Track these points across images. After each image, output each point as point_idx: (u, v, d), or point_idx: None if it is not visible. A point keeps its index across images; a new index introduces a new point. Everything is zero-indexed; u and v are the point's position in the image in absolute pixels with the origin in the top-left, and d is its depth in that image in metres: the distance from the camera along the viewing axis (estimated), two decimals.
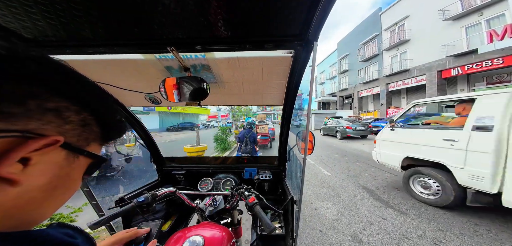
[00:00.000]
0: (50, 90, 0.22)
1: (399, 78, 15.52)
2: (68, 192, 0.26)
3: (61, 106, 0.22)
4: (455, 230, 2.12)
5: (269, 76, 0.96)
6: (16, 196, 0.20)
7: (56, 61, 0.22)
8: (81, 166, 0.27)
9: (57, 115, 0.22)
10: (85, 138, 0.26)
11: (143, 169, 1.67)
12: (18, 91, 0.19)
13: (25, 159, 0.20)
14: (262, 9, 0.49)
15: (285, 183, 1.36)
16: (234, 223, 0.96)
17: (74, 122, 0.24)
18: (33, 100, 0.20)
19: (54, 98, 0.22)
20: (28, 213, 0.22)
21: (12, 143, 0.19)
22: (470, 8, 10.78)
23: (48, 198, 0.23)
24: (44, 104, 0.21)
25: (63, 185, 0.25)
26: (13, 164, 0.19)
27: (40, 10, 0.48)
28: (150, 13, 0.50)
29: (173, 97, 0.81)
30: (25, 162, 0.20)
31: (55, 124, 0.22)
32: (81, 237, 0.25)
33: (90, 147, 0.27)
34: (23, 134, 0.19)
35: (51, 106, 0.21)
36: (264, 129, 7.96)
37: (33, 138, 0.20)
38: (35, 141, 0.20)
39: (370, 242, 1.97)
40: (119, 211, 0.76)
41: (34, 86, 0.20)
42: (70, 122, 0.23)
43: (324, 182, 3.79)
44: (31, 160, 0.20)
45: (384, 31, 16.76)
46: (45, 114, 0.21)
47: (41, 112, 0.21)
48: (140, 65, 0.86)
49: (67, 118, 0.23)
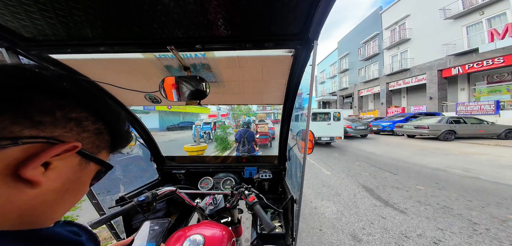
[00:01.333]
0: (74, 102, 0.25)
1: (399, 77, 15.50)
2: (77, 196, 0.28)
3: (81, 116, 0.25)
4: (454, 229, 2.13)
5: (269, 75, 0.95)
6: (33, 197, 0.22)
7: (80, 78, 0.26)
8: (91, 171, 0.29)
9: (77, 124, 0.25)
10: (97, 146, 0.28)
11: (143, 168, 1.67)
12: (48, 102, 0.22)
13: (46, 163, 0.22)
14: (262, 8, 0.49)
15: (285, 182, 1.36)
16: (234, 222, 0.96)
17: (90, 131, 0.26)
18: (60, 111, 0.23)
19: (77, 109, 0.25)
20: (41, 214, 0.23)
21: (38, 148, 0.21)
22: (471, 7, 10.73)
23: (59, 200, 0.25)
24: (68, 114, 0.24)
25: (74, 189, 0.26)
26: (37, 167, 0.21)
27: (39, 9, 0.48)
28: (150, 12, 0.49)
29: (173, 96, 0.81)
30: (46, 166, 0.22)
31: (75, 132, 0.24)
32: (85, 235, 0.27)
33: (100, 155, 0.29)
34: (49, 141, 0.21)
35: (74, 116, 0.24)
36: (264, 128, 7.96)
37: (56, 144, 0.22)
38: (58, 146, 0.22)
39: (369, 241, 1.98)
40: (119, 210, 0.76)
41: (62, 99, 0.23)
42: (87, 130, 0.26)
43: (324, 181, 3.79)
44: (51, 164, 0.22)
45: (385, 30, 16.71)
46: (69, 123, 0.24)
47: (65, 121, 0.23)
48: (140, 64, 0.85)
49: (85, 127, 0.26)
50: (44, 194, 0.22)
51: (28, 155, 0.20)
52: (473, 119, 8.65)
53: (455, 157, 5.35)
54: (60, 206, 0.25)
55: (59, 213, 0.26)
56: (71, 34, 0.58)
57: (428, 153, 5.86)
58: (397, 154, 5.89)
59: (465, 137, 8.43)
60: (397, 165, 4.78)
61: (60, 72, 0.24)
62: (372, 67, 18.71)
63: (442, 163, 4.78)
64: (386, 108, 16.44)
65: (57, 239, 0.22)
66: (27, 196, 0.21)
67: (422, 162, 4.95)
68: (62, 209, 0.26)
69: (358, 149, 7.06)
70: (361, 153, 6.26)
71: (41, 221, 0.24)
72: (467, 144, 7.38)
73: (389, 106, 16.60)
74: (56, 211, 0.25)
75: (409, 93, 15.97)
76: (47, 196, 0.23)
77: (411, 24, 14.37)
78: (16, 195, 0.20)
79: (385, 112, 16.13)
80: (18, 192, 0.20)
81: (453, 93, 12.85)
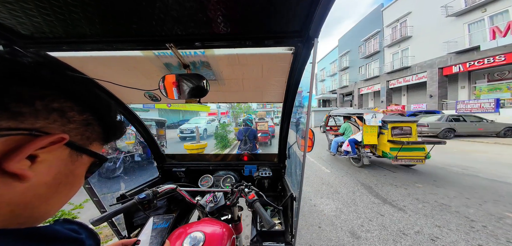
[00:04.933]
0: (55, 92, 0.23)
1: (400, 75, 15.44)
2: (72, 189, 0.27)
3: (65, 106, 0.24)
4: (451, 226, 2.15)
5: (269, 73, 0.95)
6: (23, 192, 0.21)
7: (62, 64, 0.24)
8: (84, 164, 0.28)
9: (61, 115, 0.23)
10: (87, 137, 0.27)
11: (143, 166, 1.68)
12: (26, 92, 0.21)
13: (33, 156, 0.21)
14: (262, 5, 0.48)
15: (285, 180, 1.37)
16: (234, 219, 0.97)
17: (77, 122, 0.25)
18: (40, 101, 0.22)
19: (59, 99, 0.23)
20: (35, 209, 0.23)
21: (21, 141, 0.20)
22: (473, 4, 10.62)
23: (53, 194, 0.24)
24: (50, 104, 0.22)
25: (67, 182, 0.26)
26: (22, 160, 0.20)
27: (36, 6, 0.47)
28: (148, 9, 0.49)
29: (173, 94, 0.80)
30: (32, 159, 0.21)
31: (60, 123, 0.23)
32: (85, 232, 0.26)
33: (92, 146, 0.29)
34: (31, 132, 0.20)
35: (56, 106, 0.23)
36: (264, 127, 7.97)
37: (40, 136, 0.21)
38: (42, 139, 0.21)
39: (368, 238, 2.00)
40: (120, 208, 0.77)
41: (41, 88, 0.22)
42: (73, 121, 0.25)
43: (323, 179, 3.82)
44: (38, 157, 0.21)
45: (386, 28, 16.56)
46: (51, 114, 0.22)
47: (47, 111, 0.22)
48: (139, 62, 0.85)
49: (70, 117, 0.24)
50: (35, 188, 0.22)
51: (10, 148, 0.19)
52: (473, 117, 8.66)
53: (454, 155, 5.38)
54: (55, 200, 0.25)
55: (55, 207, 0.26)
56: (69, 31, 0.58)
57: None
58: None
59: (464, 135, 8.45)
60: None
61: (39, 60, 0.23)
62: (372, 65, 18.61)
63: (441, 161, 4.80)
64: (386, 106, 16.42)
65: (56, 237, 0.22)
66: (16, 191, 0.21)
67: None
68: (57, 203, 0.26)
69: None
70: None
71: (37, 217, 0.24)
72: (466, 142, 7.41)
73: (389, 104, 16.58)
74: (51, 204, 0.25)
75: (409, 91, 15.94)
76: (39, 190, 0.22)
77: (413, 22, 14.24)
78: (4, 190, 0.20)
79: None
80: (5, 187, 0.20)
81: (454, 91, 12.82)
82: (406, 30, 14.55)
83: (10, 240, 0.19)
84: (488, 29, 10.22)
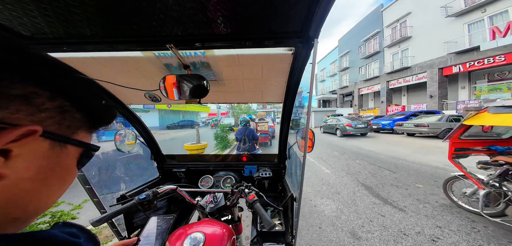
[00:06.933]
0: (12, 75, 0.19)
1: (400, 76, 15.43)
2: (64, 182, 0.26)
3: (28, 92, 0.20)
4: (452, 227, 2.14)
5: (269, 73, 0.95)
6: (5, 189, 0.20)
7: (17, 42, 0.20)
8: (71, 155, 0.26)
9: (26, 102, 0.20)
10: (67, 126, 0.25)
11: (143, 167, 1.68)
12: None
13: (5, 151, 0.19)
14: (262, 6, 0.48)
15: (285, 181, 1.37)
16: (234, 220, 0.97)
17: (50, 110, 0.22)
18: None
19: (18, 84, 0.20)
20: (23, 206, 0.22)
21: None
22: (473, 4, 10.63)
23: (41, 189, 0.23)
24: (5, 90, 0.19)
25: (56, 175, 0.24)
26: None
27: (37, 7, 0.47)
28: (148, 10, 0.49)
29: (173, 95, 0.80)
30: (5, 154, 0.19)
31: (27, 112, 0.20)
32: (84, 235, 0.26)
33: (77, 135, 0.26)
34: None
35: (15, 93, 0.20)
36: (264, 127, 7.97)
37: (6, 129, 0.19)
38: (9, 131, 0.19)
39: (368, 239, 2.00)
40: (120, 208, 0.77)
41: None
42: (45, 109, 0.22)
43: (324, 180, 3.81)
44: (12, 151, 0.20)
45: (386, 28, 16.58)
46: (12, 102, 0.19)
47: (6, 100, 0.19)
48: (139, 62, 0.85)
49: (40, 105, 0.21)
50: (17, 184, 0.20)
51: None
52: None
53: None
54: (45, 194, 0.24)
55: (48, 201, 0.25)
56: (69, 32, 0.58)
57: (428, 152, 5.85)
58: (397, 153, 5.89)
59: None
60: (397, 163, 4.79)
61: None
62: (372, 65, 18.62)
63: (442, 161, 4.79)
64: (386, 106, 16.42)
65: (53, 242, 0.21)
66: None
67: (421, 160, 4.96)
68: (49, 197, 0.24)
69: (358, 147, 7.07)
70: (360, 152, 6.27)
71: (30, 210, 0.23)
72: None
73: (389, 104, 16.58)
74: (42, 199, 0.23)
75: (409, 91, 15.93)
76: (24, 186, 0.21)
77: (413, 22, 14.26)
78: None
79: (385, 110, 16.11)
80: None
81: (454, 91, 12.81)
82: (406, 30, 14.56)
83: (3, 245, 0.18)
84: (488, 29, 10.23)
